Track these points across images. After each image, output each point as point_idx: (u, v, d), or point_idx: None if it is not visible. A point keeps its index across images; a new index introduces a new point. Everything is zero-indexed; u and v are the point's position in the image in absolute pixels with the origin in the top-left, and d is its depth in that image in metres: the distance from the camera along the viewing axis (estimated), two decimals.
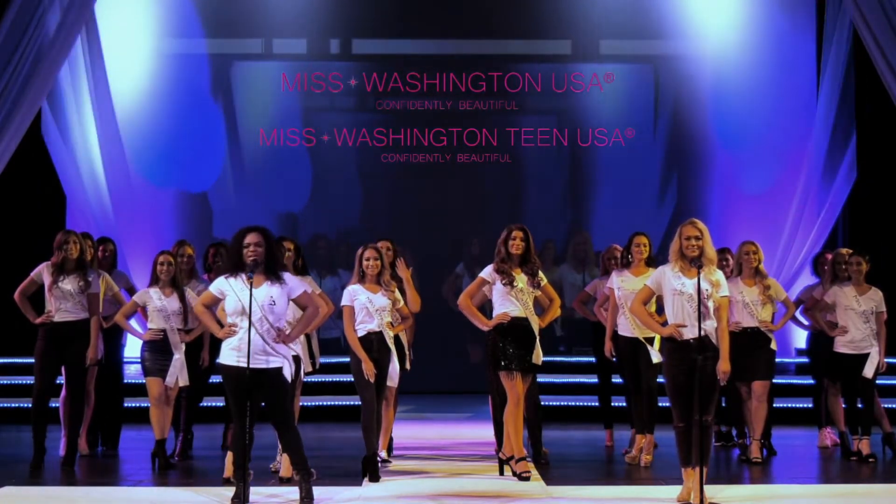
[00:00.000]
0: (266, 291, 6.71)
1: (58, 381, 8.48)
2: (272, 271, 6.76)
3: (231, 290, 6.73)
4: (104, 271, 8.79)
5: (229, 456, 7.49)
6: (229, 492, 6.94)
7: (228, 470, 7.45)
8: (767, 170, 12.77)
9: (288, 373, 6.79)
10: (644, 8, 12.84)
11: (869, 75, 11.59)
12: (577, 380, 11.26)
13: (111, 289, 8.67)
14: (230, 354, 6.73)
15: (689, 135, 12.98)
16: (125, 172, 12.49)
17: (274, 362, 6.73)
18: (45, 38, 10.76)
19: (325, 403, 10.88)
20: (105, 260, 9.17)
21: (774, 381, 8.85)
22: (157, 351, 8.24)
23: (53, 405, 8.59)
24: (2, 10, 10.63)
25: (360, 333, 7.72)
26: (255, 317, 6.65)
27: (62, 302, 8.22)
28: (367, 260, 7.73)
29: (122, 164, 12.49)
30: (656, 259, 8.91)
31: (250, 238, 6.75)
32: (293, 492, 7.02)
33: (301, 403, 8.20)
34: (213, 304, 6.94)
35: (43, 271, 8.30)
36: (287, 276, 6.87)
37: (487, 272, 7.81)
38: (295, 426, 6.96)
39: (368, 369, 7.62)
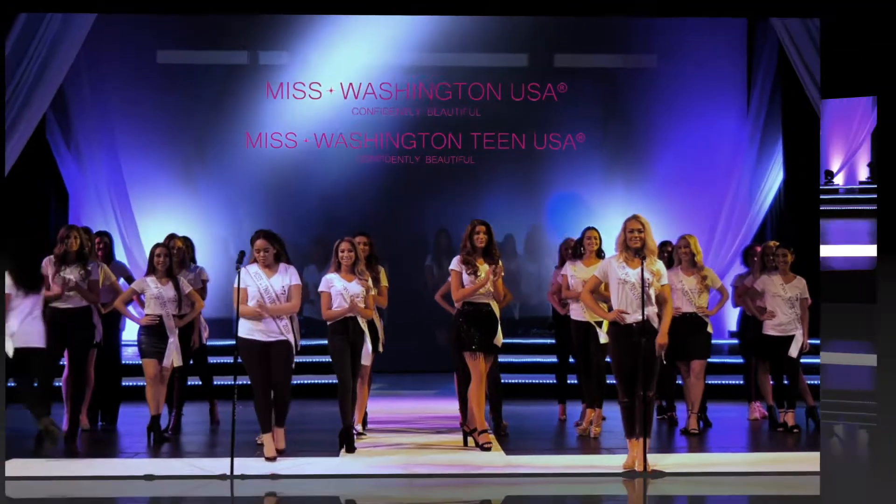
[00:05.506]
0: (280, 282, 7.44)
1: (60, 363, 8.47)
2: (279, 262, 7.52)
3: (252, 281, 7.43)
4: (102, 262, 8.77)
5: (268, 437, 7.48)
6: (217, 462, 7.14)
7: (270, 450, 7.49)
8: (705, 172, 12.88)
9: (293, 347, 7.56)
10: (594, 26, 12.95)
11: (794, 91, 11.65)
12: (533, 359, 11.33)
13: (109, 278, 8.62)
14: (251, 331, 7.40)
15: (634, 140, 13.03)
16: (122, 174, 12.44)
17: (282, 336, 7.45)
18: (49, 51, 10.69)
19: (305, 381, 10.89)
20: (103, 252, 9.14)
21: (710, 360, 8.97)
22: (153, 335, 8.23)
23: (56, 384, 8.59)
24: (8, 26, 10.60)
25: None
26: (274, 305, 7.41)
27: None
28: (343, 251, 7.77)
29: (119, 166, 12.43)
30: (605, 251, 8.99)
31: (258, 244, 7.45)
32: (279, 468, 7.15)
33: None
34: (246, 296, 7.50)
35: (46, 264, 8.25)
36: (291, 268, 7.54)
37: (456, 263, 7.90)
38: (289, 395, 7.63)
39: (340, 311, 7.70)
